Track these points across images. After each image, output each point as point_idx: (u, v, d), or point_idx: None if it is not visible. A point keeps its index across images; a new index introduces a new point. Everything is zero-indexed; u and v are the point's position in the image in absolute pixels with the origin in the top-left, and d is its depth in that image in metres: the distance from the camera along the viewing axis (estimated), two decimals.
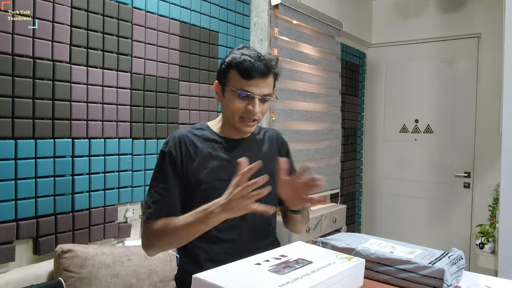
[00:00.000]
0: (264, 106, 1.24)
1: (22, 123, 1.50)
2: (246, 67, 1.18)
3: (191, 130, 1.27)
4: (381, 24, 3.86)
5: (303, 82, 2.86)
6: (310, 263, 0.85)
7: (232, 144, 1.28)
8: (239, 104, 1.20)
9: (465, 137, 3.44)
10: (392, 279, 1.02)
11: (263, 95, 1.21)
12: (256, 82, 1.19)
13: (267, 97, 1.23)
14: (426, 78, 3.63)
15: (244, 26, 2.53)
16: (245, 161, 1.02)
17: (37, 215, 1.55)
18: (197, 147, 1.23)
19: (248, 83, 1.19)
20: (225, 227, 1.18)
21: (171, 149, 1.21)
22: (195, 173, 1.20)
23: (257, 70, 1.18)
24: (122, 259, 1.64)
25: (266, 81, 1.21)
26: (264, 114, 1.26)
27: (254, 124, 1.24)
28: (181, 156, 1.20)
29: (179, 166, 1.20)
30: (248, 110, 1.20)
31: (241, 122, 1.22)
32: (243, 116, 1.21)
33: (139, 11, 1.91)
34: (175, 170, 1.19)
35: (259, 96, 1.20)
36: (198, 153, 1.22)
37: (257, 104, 1.20)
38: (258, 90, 1.20)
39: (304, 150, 2.87)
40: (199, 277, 0.76)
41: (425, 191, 3.65)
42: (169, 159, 1.20)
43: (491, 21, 3.24)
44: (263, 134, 1.38)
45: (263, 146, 1.35)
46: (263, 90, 1.21)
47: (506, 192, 2.18)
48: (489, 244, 2.76)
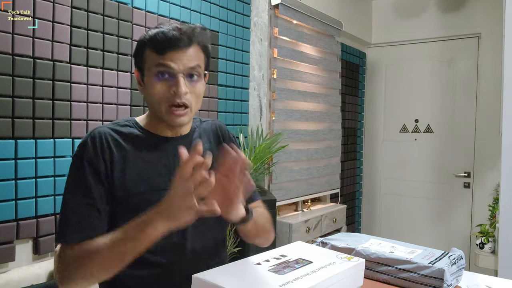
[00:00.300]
0: (195, 87, 0.98)
1: (22, 123, 1.50)
2: (158, 39, 0.94)
3: (114, 127, 1.00)
4: (381, 24, 3.86)
5: (303, 82, 2.86)
6: (310, 263, 0.85)
7: (166, 144, 1.02)
8: (160, 88, 0.95)
9: (465, 137, 3.44)
10: (392, 279, 1.02)
11: (188, 69, 0.95)
12: (174, 55, 0.94)
13: (195, 73, 0.97)
14: (426, 78, 3.63)
15: (244, 26, 2.53)
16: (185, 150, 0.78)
17: (37, 215, 1.55)
18: (124, 149, 0.97)
19: (164, 58, 0.94)
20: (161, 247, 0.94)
21: (89, 153, 0.94)
22: (122, 182, 0.94)
23: (172, 39, 0.93)
24: None
25: (188, 53, 0.95)
26: (200, 98, 1.01)
27: (186, 112, 0.97)
28: (104, 161, 0.94)
29: (102, 174, 0.93)
30: (172, 93, 0.94)
31: (169, 113, 0.96)
32: (170, 103, 0.95)
33: (139, 11, 1.91)
34: (97, 180, 0.93)
35: (182, 70, 0.94)
36: (125, 157, 0.96)
37: (182, 83, 0.94)
38: (178, 64, 0.94)
39: (304, 150, 2.87)
40: (199, 277, 0.76)
41: (425, 191, 3.65)
42: (89, 166, 0.93)
43: (491, 21, 3.24)
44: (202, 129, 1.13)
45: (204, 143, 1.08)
46: (185, 63, 0.94)
47: (506, 192, 2.18)
48: (489, 244, 2.76)
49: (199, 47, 0.99)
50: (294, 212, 2.85)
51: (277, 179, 2.62)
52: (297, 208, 2.90)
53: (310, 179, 2.94)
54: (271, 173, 2.59)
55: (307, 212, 2.88)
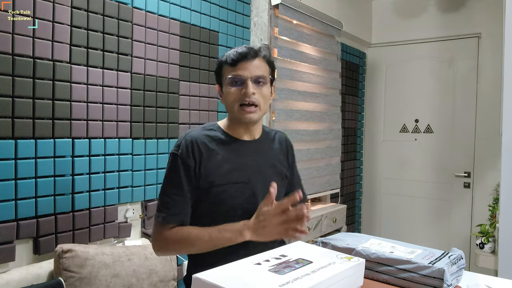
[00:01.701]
0: (261, 90, 1.22)
1: (22, 123, 1.50)
2: (232, 56, 1.21)
3: (203, 132, 1.25)
4: (381, 24, 3.86)
5: (303, 82, 2.86)
6: (310, 263, 0.85)
7: (243, 146, 1.27)
8: (234, 91, 1.20)
9: (465, 137, 3.44)
10: (392, 279, 1.02)
11: (254, 76, 1.20)
12: (243, 65, 1.20)
13: (261, 79, 1.22)
14: (426, 78, 3.63)
15: (244, 26, 2.53)
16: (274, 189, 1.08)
17: (37, 215, 1.55)
18: (210, 149, 1.22)
19: (236, 69, 1.20)
20: None
21: (183, 152, 1.20)
22: (207, 176, 1.19)
23: (242, 54, 1.20)
24: (122, 259, 1.64)
25: (255, 64, 1.21)
26: (267, 100, 1.25)
27: (255, 110, 1.21)
28: (194, 159, 1.19)
29: (192, 170, 1.19)
30: (242, 94, 1.19)
31: (241, 110, 1.21)
32: (241, 102, 1.20)
33: (139, 11, 1.91)
34: (188, 175, 1.18)
35: (250, 77, 1.19)
36: (210, 156, 1.21)
37: (250, 85, 1.19)
38: (247, 72, 1.19)
39: (304, 150, 2.87)
40: (199, 277, 0.76)
41: (425, 191, 3.65)
42: (182, 163, 1.19)
43: (491, 21, 3.24)
44: (272, 136, 1.38)
45: (273, 147, 1.35)
46: (253, 72, 1.20)
47: (506, 192, 2.18)
48: (489, 244, 2.76)
49: (264, 60, 1.25)
50: None
51: None
52: None
53: (310, 179, 2.94)
54: None
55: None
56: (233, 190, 1.18)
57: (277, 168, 1.33)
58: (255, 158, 1.27)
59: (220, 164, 1.21)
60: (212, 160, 1.20)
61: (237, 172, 1.22)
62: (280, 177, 1.32)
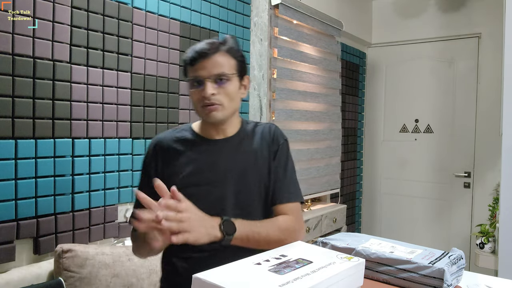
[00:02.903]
0: (224, 88, 1.13)
1: (22, 123, 1.50)
2: (190, 56, 1.14)
3: (172, 134, 1.22)
4: (381, 24, 3.86)
5: (303, 82, 2.86)
6: (310, 263, 0.85)
7: (213, 146, 1.19)
8: (195, 93, 1.14)
9: (465, 137, 3.44)
10: (392, 279, 1.02)
11: (213, 75, 1.12)
12: (202, 64, 1.12)
13: (222, 77, 1.13)
14: (426, 78, 3.63)
15: (244, 26, 2.53)
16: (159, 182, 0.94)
17: (37, 215, 1.55)
18: (175, 151, 1.17)
19: (194, 69, 1.13)
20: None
21: (147, 156, 1.19)
22: (169, 179, 1.10)
23: (199, 53, 1.12)
24: (122, 259, 1.64)
25: (215, 61, 1.12)
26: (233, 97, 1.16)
27: (215, 108, 1.13)
28: (156, 162, 1.17)
29: (152, 172, 1.15)
30: (202, 96, 1.12)
31: (203, 110, 1.14)
32: (202, 104, 1.13)
33: (139, 11, 1.91)
34: (149, 177, 1.12)
35: (208, 76, 1.12)
36: (174, 158, 1.16)
37: (209, 86, 1.11)
38: (205, 72, 1.12)
39: (304, 150, 2.87)
40: (199, 277, 0.76)
41: (425, 191, 3.65)
42: (145, 167, 1.19)
43: (491, 21, 3.24)
44: (254, 132, 1.24)
45: (252, 143, 1.21)
46: (211, 70, 1.12)
47: (506, 192, 2.18)
48: (489, 244, 2.76)
49: (228, 54, 1.15)
50: None
51: None
52: None
53: (310, 179, 2.94)
54: None
55: (307, 212, 2.88)
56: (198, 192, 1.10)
57: (256, 166, 1.19)
58: (226, 157, 1.18)
59: (184, 166, 1.15)
60: (175, 163, 1.16)
61: (202, 174, 1.15)
62: (258, 175, 1.19)
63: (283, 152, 1.23)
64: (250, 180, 1.16)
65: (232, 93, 1.15)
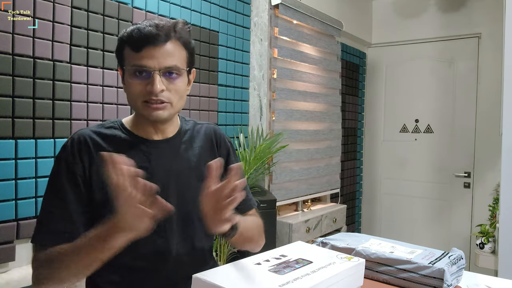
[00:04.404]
0: (174, 84, 0.95)
1: (22, 123, 1.50)
2: (134, 38, 0.91)
3: (97, 130, 0.99)
4: (381, 24, 3.86)
5: (303, 82, 2.86)
6: (310, 263, 0.85)
7: (152, 147, 1.01)
8: (138, 85, 0.93)
9: (465, 137, 3.44)
10: (392, 279, 1.02)
11: (164, 68, 0.93)
12: (150, 52, 0.91)
13: (173, 71, 0.94)
14: (426, 78, 3.63)
15: (244, 26, 2.53)
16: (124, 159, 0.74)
17: (37, 215, 1.55)
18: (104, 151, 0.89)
19: (140, 56, 0.91)
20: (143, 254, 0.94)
21: (68, 154, 0.93)
22: (100, 186, 0.92)
23: (148, 36, 0.91)
24: None
25: (165, 50, 0.93)
26: (181, 95, 0.99)
27: (164, 107, 0.95)
28: (82, 163, 0.93)
29: (79, 176, 0.92)
30: (148, 90, 0.92)
31: (145, 107, 0.94)
32: (145, 99, 0.94)
33: (140, 11, 1.91)
34: (74, 182, 0.92)
35: (158, 68, 0.92)
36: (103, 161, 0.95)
37: (158, 80, 0.91)
38: (154, 62, 0.91)
39: (304, 150, 2.87)
40: (199, 277, 0.76)
41: (425, 191, 3.65)
42: (66, 168, 0.93)
43: (491, 21, 3.24)
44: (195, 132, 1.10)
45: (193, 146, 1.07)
46: (162, 62, 0.92)
47: (506, 192, 2.18)
48: (489, 244, 2.76)
49: (180, 43, 0.96)
50: (294, 212, 2.85)
51: (277, 179, 2.62)
52: (297, 208, 2.90)
53: (310, 179, 2.94)
54: (271, 173, 2.59)
55: (307, 212, 2.88)
56: None
57: (200, 172, 1.03)
58: (167, 161, 1.01)
59: None
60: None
61: None
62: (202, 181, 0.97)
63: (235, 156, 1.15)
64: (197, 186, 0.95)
65: (182, 91, 0.98)
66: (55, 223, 0.90)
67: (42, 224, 0.91)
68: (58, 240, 0.88)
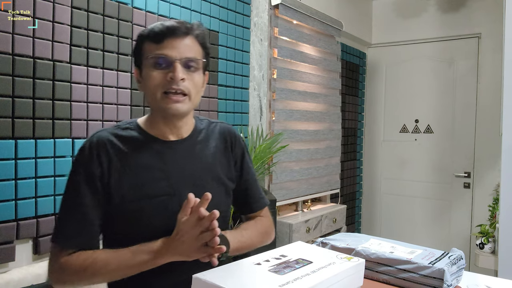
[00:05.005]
0: (193, 76, 0.97)
1: (22, 123, 1.50)
2: (156, 31, 0.95)
3: (114, 131, 0.99)
4: (381, 24, 3.86)
5: (303, 82, 2.86)
6: (310, 263, 0.85)
7: (167, 148, 1.01)
8: (157, 75, 0.94)
9: (465, 137, 3.44)
10: (392, 279, 1.02)
11: (185, 58, 0.95)
12: (171, 43, 0.94)
13: (193, 63, 0.97)
14: (426, 78, 3.63)
15: (244, 26, 2.53)
16: (193, 196, 0.86)
17: (37, 215, 1.55)
18: (122, 153, 0.96)
19: (161, 46, 0.94)
20: None
21: (86, 157, 0.94)
22: (118, 188, 0.94)
23: (170, 28, 0.95)
24: None
25: (185, 43, 0.96)
26: (199, 90, 1.00)
27: (184, 99, 0.96)
28: (101, 166, 0.94)
29: (98, 179, 0.93)
30: (168, 79, 0.93)
31: (165, 98, 0.95)
32: (166, 90, 0.94)
33: (140, 11, 1.91)
34: (93, 186, 0.93)
35: (179, 58, 0.94)
36: (122, 162, 0.95)
37: (179, 69, 0.93)
38: (175, 52, 0.94)
39: (304, 150, 2.87)
40: (199, 277, 0.76)
41: (425, 191, 3.65)
42: (84, 171, 0.93)
43: (491, 21, 3.24)
44: (210, 131, 1.10)
45: (209, 146, 1.08)
46: (183, 52, 0.95)
47: (506, 192, 2.18)
48: (489, 244, 2.76)
49: (197, 40, 0.99)
50: (294, 212, 2.85)
51: (277, 179, 2.62)
52: (297, 208, 2.90)
53: (310, 179, 2.94)
54: (271, 173, 2.59)
55: (307, 212, 2.88)
56: (152, 205, 0.94)
57: (216, 172, 1.06)
58: (183, 162, 1.01)
59: (135, 173, 0.96)
60: (124, 168, 0.95)
61: (158, 183, 0.97)
62: (221, 183, 1.07)
63: (249, 156, 1.18)
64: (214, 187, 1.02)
65: (199, 85, 1.00)
66: (76, 227, 0.92)
67: (62, 227, 0.94)
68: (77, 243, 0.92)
